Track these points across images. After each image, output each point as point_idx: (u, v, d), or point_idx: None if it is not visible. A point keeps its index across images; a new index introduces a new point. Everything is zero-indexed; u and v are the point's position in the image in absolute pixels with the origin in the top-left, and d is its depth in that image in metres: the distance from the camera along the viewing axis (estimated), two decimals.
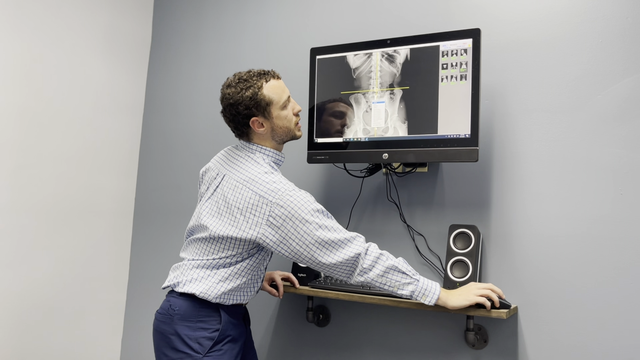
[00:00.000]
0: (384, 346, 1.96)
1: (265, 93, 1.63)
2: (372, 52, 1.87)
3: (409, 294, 1.54)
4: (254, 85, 1.62)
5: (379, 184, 2.02)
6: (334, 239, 1.53)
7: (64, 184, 2.31)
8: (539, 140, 1.76)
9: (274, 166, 1.69)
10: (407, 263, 1.58)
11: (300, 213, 1.52)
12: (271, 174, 1.60)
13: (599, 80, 1.70)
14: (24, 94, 2.17)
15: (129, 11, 2.60)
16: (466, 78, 1.71)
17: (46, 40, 2.25)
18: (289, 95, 1.70)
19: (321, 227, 1.53)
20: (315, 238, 1.52)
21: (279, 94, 1.66)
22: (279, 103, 1.65)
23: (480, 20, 1.89)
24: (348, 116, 1.90)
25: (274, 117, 1.65)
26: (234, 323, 1.63)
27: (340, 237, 1.54)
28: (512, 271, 1.77)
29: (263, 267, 1.71)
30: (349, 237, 1.55)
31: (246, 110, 1.62)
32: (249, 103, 1.61)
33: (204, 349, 1.54)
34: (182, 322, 1.57)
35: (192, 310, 1.58)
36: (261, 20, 2.37)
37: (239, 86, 1.62)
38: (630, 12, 1.67)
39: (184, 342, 1.55)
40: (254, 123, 1.65)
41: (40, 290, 2.23)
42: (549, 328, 1.70)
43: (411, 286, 1.54)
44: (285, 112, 1.68)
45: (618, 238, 1.63)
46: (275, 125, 1.67)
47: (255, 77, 1.64)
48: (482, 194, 1.84)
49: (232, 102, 1.63)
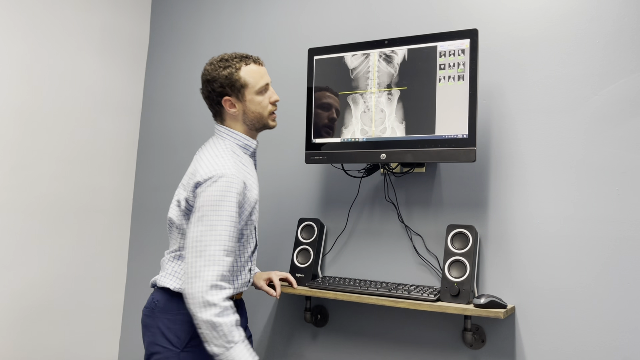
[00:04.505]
0: (381, 346, 1.97)
1: (242, 75, 1.63)
2: (370, 52, 1.87)
3: (217, 353, 1.45)
4: (232, 65, 1.63)
5: (377, 184, 2.02)
6: (205, 247, 1.46)
7: (61, 183, 2.31)
8: (537, 141, 1.77)
9: (239, 150, 1.66)
10: (238, 330, 1.47)
11: (206, 205, 1.49)
12: (216, 157, 1.57)
13: (596, 81, 1.70)
14: (22, 93, 2.16)
15: (127, 11, 2.60)
16: (464, 78, 1.71)
17: (43, 39, 2.24)
18: (268, 83, 1.68)
19: (209, 227, 1.47)
20: (197, 234, 1.48)
21: (256, 78, 1.65)
22: (255, 87, 1.64)
23: (478, 20, 1.89)
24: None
25: (247, 101, 1.65)
26: None
27: (212, 251, 1.46)
28: (510, 271, 1.77)
29: (242, 257, 1.66)
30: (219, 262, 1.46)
31: (220, 89, 1.63)
32: (224, 81, 1.62)
33: (181, 342, 1.54)
34: (163, 315, 1.58)
35: (172, 303, 1.58)
36: (259, 20, 2.37)
37: (219, 64, 1.64)
38: (627, 12, 1.67)
39: (165, 335, 1.55)
40: (226, 102, 1.64)
41: (38, 289, 2.22)
42: (547, 328, 1.70)
43: (218, 349, 1.44)
44: (260, 97, 1.66)
45: (615, 238, 1.63)
46: (248, 108, 1.65)
47: (236, 59, 1.64)
48: (479, 194, 1.84)
49: (208, 78, 1.64)
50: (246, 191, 1.58)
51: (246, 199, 1.58)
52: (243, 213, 1.58)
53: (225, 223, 1.49)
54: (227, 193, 1.51)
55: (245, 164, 1.65)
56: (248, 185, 1.59)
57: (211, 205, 1.49)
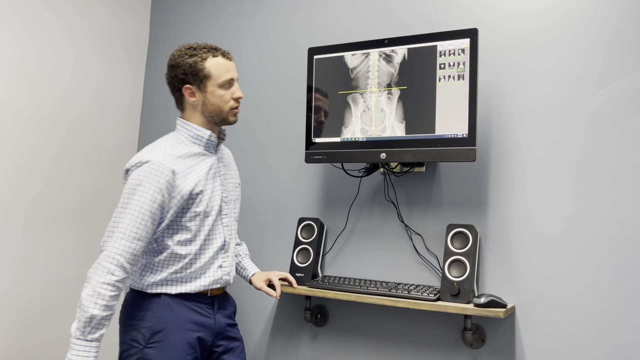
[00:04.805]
0: (381, 346, 1.97)
1: (206, 66, 1.62)
2: (370, 51, 1.87)
3: (72, 335, 1.46)
4: (199, 55, 1.62)
5: (377, 183, 2.02)
6: (116, 226, 1.50)
7: (61, 183, 2.31)
8: (536, 140, 1.77)
9: (187, 142, 1.65)
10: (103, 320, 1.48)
11: (125, 189, 1.54)
12: (152, 146, 1.61)
13: (596, 80, 1.70)
14: (21, 93, 2.16)
15: (127, 11, 2.60)
16: (464, 78, 1.71)
17: (43, 40, 2.24)
18: (234, 78, 1.67)
19: (122, 208, 1.51)
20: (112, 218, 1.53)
21: (220, 71, 1.63)
22: (218, 80, 1.63)
23: (478, 20, 1.89)
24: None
25: (208, 92, 1.64)
26: (182, 313, 1.60)
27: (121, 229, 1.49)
28: (510, 270, 1.77)
29: (205, 253, 1.64)
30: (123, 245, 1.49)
31: (183, 75, 1.62)
32: (187, 69, 1.62)
33: (145, 339, 1.56)
34: (129, 313, 1.60)
35: (135, 301, 1.60)
36: (258, 20, 2.37)
37: (186, 52, 1.64)
38: (627, 11, 1.67)
39: (130, 333, 1.58)
40: (186, 90, 1.64)
41: (38, 289, 2.22)
42: (546, 327, 1.70)
43: (73, 339, 1.45)
44: (223, 91, 1.65)
45: (615, 237, 1.63)
46: (208, 100, 1.64)
47: (203, 50, 1.64)
48: (479, 193, 1.84)
49: (173, 63, 1.64)
50: (175, 179, 1.56)
51: (175, 187, 1.56)
52: (172, 201, 1.56)
53: (137, 207, 1.51)
54: (146, 178, 1.52)
55: (194, 156, 1.64)
56: (179, 174, 1.57)
57: (129, 188, 1.53)
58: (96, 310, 1.45)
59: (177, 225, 1.60)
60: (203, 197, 1.62)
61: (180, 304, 1.61)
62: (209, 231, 1.64)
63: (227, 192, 1.72)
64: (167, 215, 1.56)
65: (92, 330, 1.45)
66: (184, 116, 1.69)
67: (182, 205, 1.58)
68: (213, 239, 1.66)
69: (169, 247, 1.59)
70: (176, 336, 1.57)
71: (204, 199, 1.62)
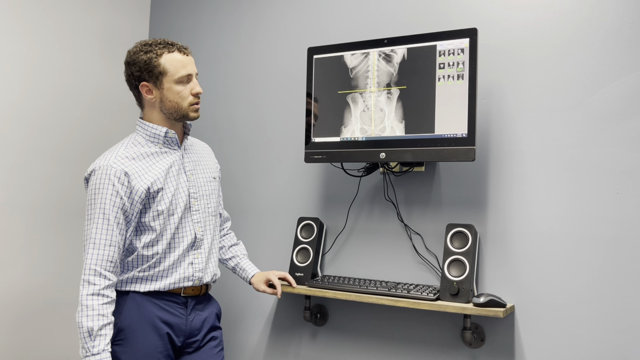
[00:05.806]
0: (381, 345, 1.97)
1: (161, 62, 1.60)
2: (369, 51, 1.87)
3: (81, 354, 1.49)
4: (153, 51, 1.60)
5: (376, 183, 2.03)
6: (87, 238, 1.54)
7: (61, 183, 2.31)
8: (536, 139, 1.77)
9: (144, 141, 1.65)
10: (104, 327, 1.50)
11: (87, 199, 1.56)
12: (107, 151, 1.63)
13: (595, 80, 1.70)
14: (21, 93, 2.17)
15: (126, 10, 2.60)
16: (463, 77, 1.71)
17: (43, 39, 2.24)
18: (192, 74, 1.64)
19: (88, 220, 1.55)
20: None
21: (176, 67, 1.61)
22: (174, 76, 1.61)
23: (477, 19, 1.89)
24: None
25: (165, 89, 1.62)
26: (150, 310, 1.59)
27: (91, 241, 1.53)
28: (509, 270, 1.77)
29: (175, 251, 1.64)
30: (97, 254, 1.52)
31: (138, 73, 1.61)
32: (142, 66, 1.60)
33: (113, 336, 1.56)
34: None
35: (117, 299, 1.61)
36: (258, 19, 2.37)
37: (141, 48, 1.62)
38: (626, 11, 1.67)
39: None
40: (143, 88, 1.63)
41: (38, 289, 2.22)
42: (546, 327, 1.70)
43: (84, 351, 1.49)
44: (180, 87, 1.62)
45: (614, 237, 1.64)
46: (165, 97, 1.62)
47: (159, 45, 1.62)
48: (479, 193, 1.84)
49: (128, 60, 1.63)
50: (130, 180, 1.56)
51: (131, 187, 1.56)
52: (133, 202, 1.56)
53: (101, 215, 1.53)
54: (101, 185, 1.54)
55: (152, 155, 1.63)
56: (133, 174, 1.57)
57: (88, 199, 1.56)
58: (90, 322, 1.46)
59: (141, 225, 1.60)
60: (164, 195, 1.61)
61: (148, 302, 1.60)
62: (176, 229, 1.63)
63: (196, 188, 1.70)
64: (133, 217, 1.57)
65: (94, 344, 1.46)
66: (144, 114, 1.69)
67: (143, 205, 1.58)
68: (182, 236, 1.64)
69: (137, 248, 1.60)
70: (142, 333, 1.57)
71: (165, 196, 1.61)
